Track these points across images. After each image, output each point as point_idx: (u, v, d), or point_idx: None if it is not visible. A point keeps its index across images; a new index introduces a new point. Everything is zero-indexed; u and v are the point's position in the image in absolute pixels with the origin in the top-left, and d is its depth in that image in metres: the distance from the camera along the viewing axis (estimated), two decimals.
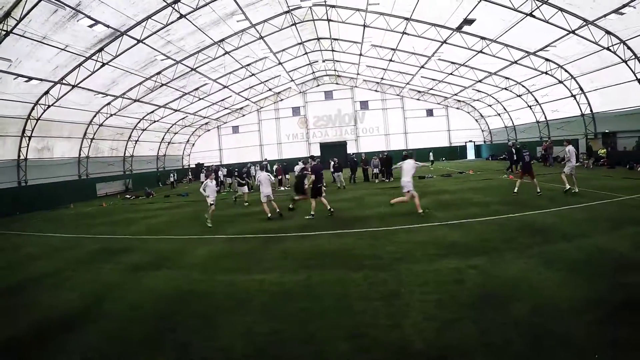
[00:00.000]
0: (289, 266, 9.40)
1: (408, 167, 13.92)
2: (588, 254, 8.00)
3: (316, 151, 51.43)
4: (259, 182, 16.31)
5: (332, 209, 15.72)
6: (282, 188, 29.70)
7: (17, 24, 17.84)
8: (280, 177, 31.14)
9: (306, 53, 39.89)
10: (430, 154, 42.58)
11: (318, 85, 53.10)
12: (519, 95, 38.38)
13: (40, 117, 27.25)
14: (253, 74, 40.10)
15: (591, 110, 30.58)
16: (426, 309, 6.29)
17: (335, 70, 48.92)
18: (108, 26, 21.43)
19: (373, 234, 11.92)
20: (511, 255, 8.46)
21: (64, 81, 25.19)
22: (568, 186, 15.84)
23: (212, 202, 15.83)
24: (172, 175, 44.40)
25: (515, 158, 27.24)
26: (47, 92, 25.79)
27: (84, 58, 23.97)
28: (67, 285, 9.30)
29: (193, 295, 7.89)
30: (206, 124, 53.20)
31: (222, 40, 29.77)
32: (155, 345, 5.92)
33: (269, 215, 15.79)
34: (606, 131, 29.31)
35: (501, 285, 6.93)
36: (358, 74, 46.61)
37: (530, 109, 38.74)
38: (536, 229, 10.63)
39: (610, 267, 7.22)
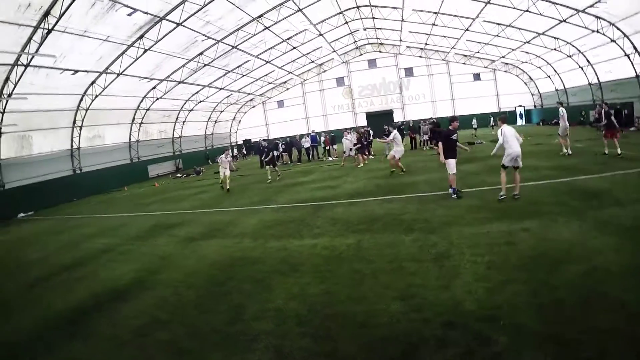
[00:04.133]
0: (340, 231, 9.43)
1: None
2: None
3: (362, 121, 50.73)
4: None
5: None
6: (331, 158, 30.11)
7: (57, 21, 18.19)
8: (328, 147, 31.65)
9: (346, 22, 38.95)
10: (474, 120, 39.22)
11: (361, 54, 51.78)
12: (570, 56, 36.13)
13: (89, 107, 27.98)
14: (294, 47, 39.64)
15: None
16: (477, 270, 6.18)
17: (377, 38, 47.69)
18: (146, 13, 21.57)
19: (422, 199, 11.74)
20: (564, 219, 8.07)
21: (108, 70, 25.65)
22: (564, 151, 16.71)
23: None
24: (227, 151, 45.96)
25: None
26: (93, 83, 26.37)
27: (126, 46, 24.26)
28: (124, 259, 9.68)
29: (246, 261, 8.06)
30: (251, 100, 53.13)
31: (261, 16, 29.51)
32: (209, 308, 6.09)
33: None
34: None
35: (553, 247, 6.65)
36: (401, 40, 45.18)
37: (582, 70, 36.44)
38: (589, 193, 9.97)
39: None
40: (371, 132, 30.13)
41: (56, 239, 13.36)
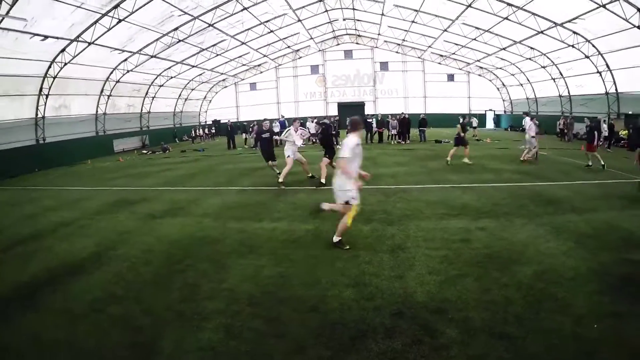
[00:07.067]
0: (299, 216, 9.57)
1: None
2: (596, 228, 7.88)
3: (334, 111, 50.64)
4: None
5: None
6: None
7: None
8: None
9: (326, 11, 38.78)
10: (474, 119, 38.55)
11: (338, 44, 51.59)
12: (544, 67, 36.86)
13: (57, 75, 27.03)
14: (272, 31, 39.18)
15: (616, 89, 29.14)
16: (431, 263, 6.40)
17: (355, 29, 47.58)
18: None
19: (385, 191, 11.99)
20: (521, 221, 8.46)
21: (80, 39, 24.81)
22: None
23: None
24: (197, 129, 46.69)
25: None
26: (63, 50, 25.44)
27: (100, 15, 23.43)
28: (82, 233, 9.50)
29: (204, 241, 8.10)
30: (223, 80, 52.28)
31: None
32: (164, 285, 6.11)
33: None
34: (629, 112, 28.20)
35: (507, 248, 6.97)
36: (379, 34, 45.37)
37: (554, 81, 37.29)
38: (548, 199, 10.48)
39: (617, 242, 7.10)
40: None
41: (15, 211, 12.92)
